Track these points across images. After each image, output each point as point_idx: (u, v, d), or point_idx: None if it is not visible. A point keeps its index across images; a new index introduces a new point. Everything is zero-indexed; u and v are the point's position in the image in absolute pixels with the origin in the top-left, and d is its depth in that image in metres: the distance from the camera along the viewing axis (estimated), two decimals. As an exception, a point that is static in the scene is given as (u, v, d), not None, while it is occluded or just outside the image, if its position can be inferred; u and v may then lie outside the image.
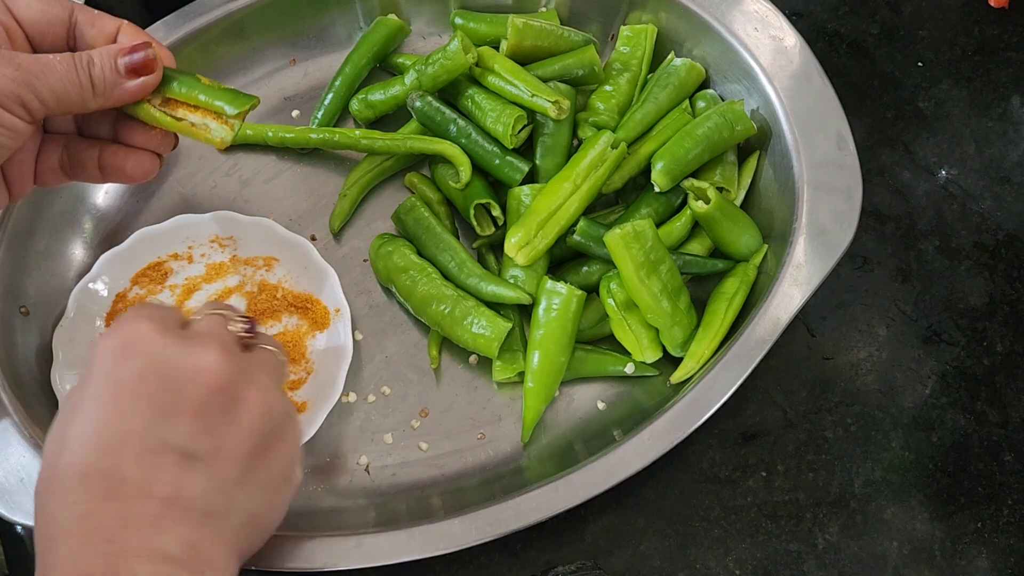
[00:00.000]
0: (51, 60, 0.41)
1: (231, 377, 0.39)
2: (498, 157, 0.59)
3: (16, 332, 0.55)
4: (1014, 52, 0.69)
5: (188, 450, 0.37)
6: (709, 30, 0.60)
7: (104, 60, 0.42)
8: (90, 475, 0.35)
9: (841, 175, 0.55)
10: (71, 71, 0.41)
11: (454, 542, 0.48)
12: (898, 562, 0.54)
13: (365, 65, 0.65)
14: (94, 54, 0.42)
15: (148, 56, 0.43)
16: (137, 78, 0.43)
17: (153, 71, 0.43)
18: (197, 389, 0.38)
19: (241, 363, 0.40)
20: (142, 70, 0.43)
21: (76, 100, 0.42)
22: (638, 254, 0.52)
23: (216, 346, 0.39)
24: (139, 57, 0.42)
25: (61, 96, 0.41)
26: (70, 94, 0.41)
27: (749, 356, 0.51)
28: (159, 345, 0.38)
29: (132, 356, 0.38)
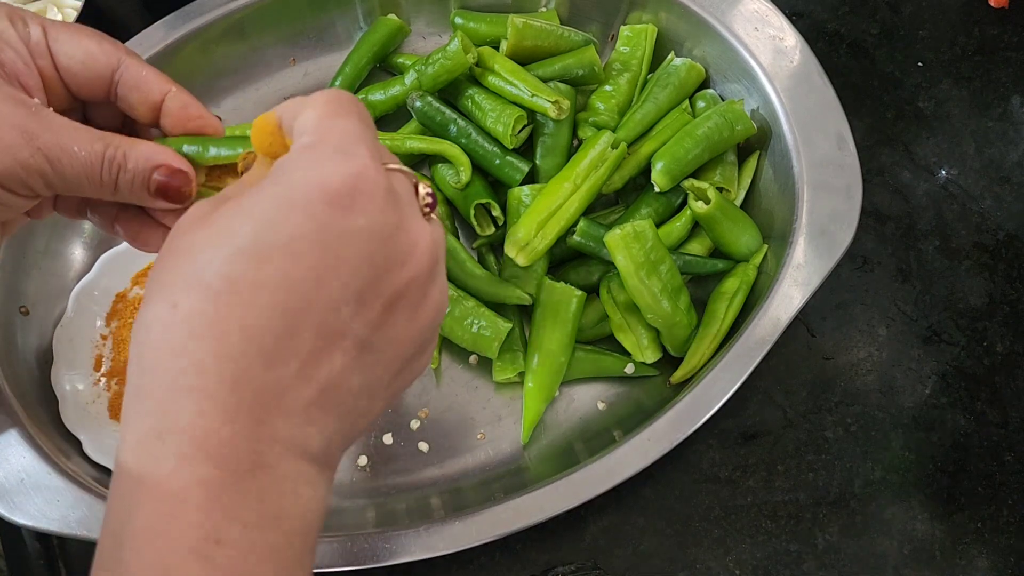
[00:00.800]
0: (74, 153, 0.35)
1: (431, 268, 0.32)
2: (498, 157, 0.59)
3: (16, 332, 0.55)
4: (1014, 52, 0.69)
5: (365, 341, 0.30)
6: (709, 30, 0.60)
7: (138, 168, 0.36)
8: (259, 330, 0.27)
9: (841, 175, 0.55)
10: (94, 167, 0.35)
11: (454, 542, 0.48)
12: (898, 562, 0.54)
13: (365, 65, 0.65)
14: (129, 157, 0.36)
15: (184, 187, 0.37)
16: (165, 202, 0.37)
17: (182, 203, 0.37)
18: (401, 275, 0.31)
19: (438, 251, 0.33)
20: (174, 197, 0.37)
21: (90, 192, 0.36)
22: (638, 254, 0.52)
23: (427, 226, 0.32)
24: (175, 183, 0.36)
25: (75, 188, 0.36)
26: (85, 188, 0.36)
27: (749, 356, 0.51)
28: (383, 207, 0.29)
29: (355, 212, 0.29)
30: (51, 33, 0.36)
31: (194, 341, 0.27)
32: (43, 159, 0.34)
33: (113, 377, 0.55)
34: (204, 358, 0.27)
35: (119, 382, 0.55)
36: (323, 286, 0.28)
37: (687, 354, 0.55)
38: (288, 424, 0.28)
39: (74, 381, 0.54)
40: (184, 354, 0.27)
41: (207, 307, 0.27)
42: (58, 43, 0.36)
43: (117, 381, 0.55)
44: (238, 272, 0.27)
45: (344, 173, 0.29)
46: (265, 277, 0.27)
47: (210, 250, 0.28)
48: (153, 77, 0.38)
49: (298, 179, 0.28)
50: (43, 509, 0.48)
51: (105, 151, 0.35)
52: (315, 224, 0.28)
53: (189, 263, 0.28)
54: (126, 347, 0.56)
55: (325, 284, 0.28)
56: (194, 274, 0.28)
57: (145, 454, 0.27)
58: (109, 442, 0.53)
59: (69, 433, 0.53)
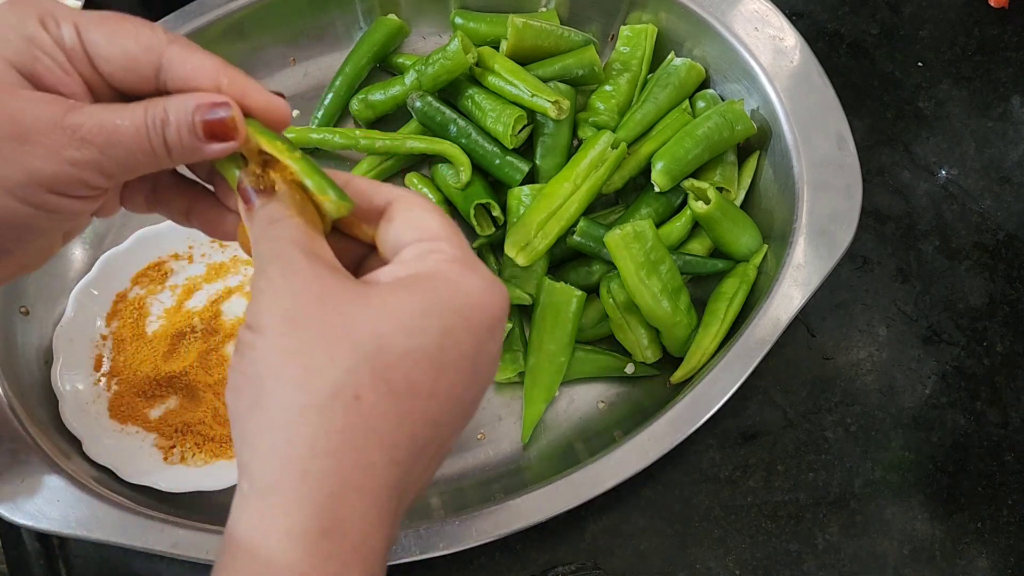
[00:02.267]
0: (118, 126, 0.33)
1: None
2: (498, 157, 0.59)
3: (16, 332, 0.55)
4: (1014, 52, 0.69)
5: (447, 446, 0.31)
6: (709, 30, 0.60)
7: (180, 118, 0.34)
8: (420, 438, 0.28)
9: (841, 175, 0.55)
10: (142, 137, 0.33)
11: (453, 543, 0.48)
12: (898, 562, 0.54)
13: (365, 65, 0.65)
14: (169, 110, 0.34)
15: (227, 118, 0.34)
16: (219, 144, 0.34)
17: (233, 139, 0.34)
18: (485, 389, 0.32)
19: None
20: (223, 134, 0.34)
21: (150, 166, 0.34)
22: (638, 254, 0.52)
23: None
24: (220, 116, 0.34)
25: (131, 166, 0.34)
26: (141, 163, 0.34)
27: (749, 357, 0.51)
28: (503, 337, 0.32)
29: (496, 338, 0.31)
30: (85, 35, 0.33)
31: (374, 439, 0.27)
32: (92, 149, 0.32)
33: (113, 377, 0.55)
34: (377, 460, 0.27)
35: (119, 382, 0.55)
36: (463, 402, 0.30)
37: (687, 354, 0.55)
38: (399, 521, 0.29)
39: (74, 381, 0.54)
40: (364, 450, 0.27)
41: (390, 407, 0.27)
42: (94, 46, 0.34)
43: (117, 381, 0.55)
44: (419, 378, 0.28)
45: (499, 306, 0.31)
46: (439, 388, 0.29)
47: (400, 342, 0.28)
48: (201, 70, 0.35)
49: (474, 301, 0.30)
50: (43, 509, 0.48)
51: (146, 114, 0.33)
52: (476, 348, 0.30)
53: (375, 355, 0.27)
54: (126, 347, 0.55)
55: (467, 397, 0.30)
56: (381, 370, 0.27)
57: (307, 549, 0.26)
58: (109, 442, 0.52)
59: (69, 433, 0.52)
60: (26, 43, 0.32)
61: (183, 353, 0.55)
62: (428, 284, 0.29)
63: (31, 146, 0.32)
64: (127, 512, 0.48)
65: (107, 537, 0.48)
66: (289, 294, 0.29)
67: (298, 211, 0.32)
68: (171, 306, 0.57)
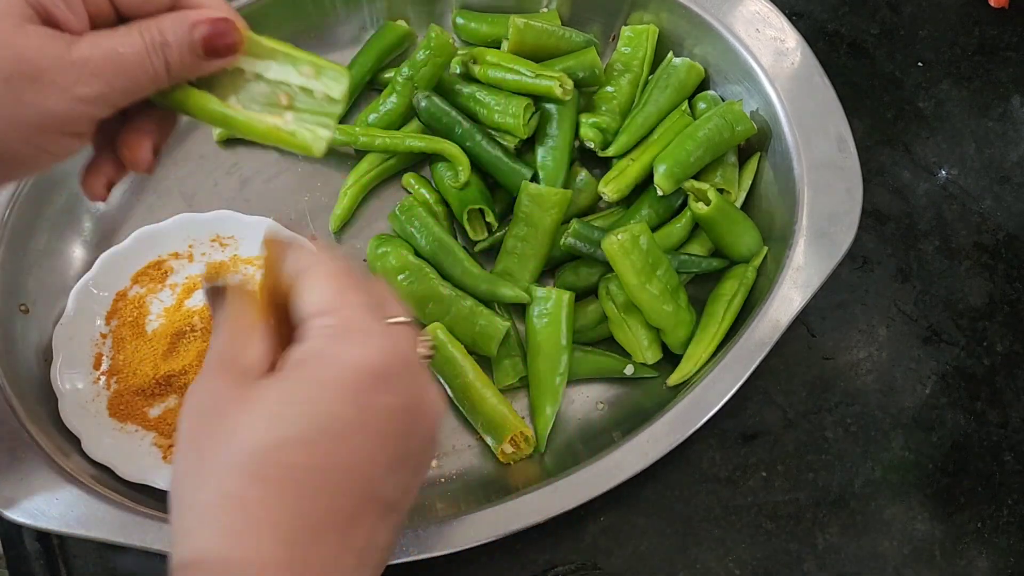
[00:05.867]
0: (121, 54, 0.33)
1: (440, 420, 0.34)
2: (502, 162, 0.59)
3: (16, 330, 0.55)
4: (1014, 52, 0.69)
5: (391, 502, 0.32)
6: (710, 31, 0.60)
7: (180, 37, 0.34)
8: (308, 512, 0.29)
9: (842, 177, 0.55)
10: (144, 61, 0.34)
11: (453, 543, 0.48)
12: (898, 562, 0.54)
13: (371, 68, 0.65)
14: (166, 31, 0.34)
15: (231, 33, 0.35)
16: (216, 58, 0.35)
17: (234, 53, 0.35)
18: (422, 438, 0.33)
19: None
20: (225, 49, 0.35)
21: (149, 89, 0.35)
22: (637, 260, 0.52)
23: (434, 382, 0.34)
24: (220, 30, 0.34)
25: (133, 92, 0.34)
26: (143, 87, 0.34)
27: (749, 358, 0.51)
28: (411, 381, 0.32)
29: (388, 392, 0.31)
30: None
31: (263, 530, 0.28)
32: (100, 82, 0.33)
33: (113, 376, 0.55)
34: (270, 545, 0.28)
35: (118, 381, 0.55)
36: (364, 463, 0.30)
37: (684, 357, 0.55)
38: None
39: (74, 379, 0.54)
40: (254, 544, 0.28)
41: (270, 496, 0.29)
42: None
43: (117, 380, 0.55)
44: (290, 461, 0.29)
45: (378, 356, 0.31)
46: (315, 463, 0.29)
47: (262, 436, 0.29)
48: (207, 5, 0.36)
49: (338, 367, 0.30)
50: (41, 507, 0.48)
51: (144, 38, 0.34)
52: (355, 410, 0.30)
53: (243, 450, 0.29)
54: (125, 345, 0.55)
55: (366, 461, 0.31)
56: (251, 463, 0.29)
57: None
58: (108, 440, 0.52)
59: (68, 431, 0.52)
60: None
61: (183, 352, 0.55)
62: (295, 369, 0.31)
63: (42, 85, 0.32)
64: (126, 511, 0.48)
65: (106, 536, 0.48)
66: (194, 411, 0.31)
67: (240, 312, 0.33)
68: (171, 305, 0.57)
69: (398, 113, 0.62)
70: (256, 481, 0.29)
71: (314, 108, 0.37)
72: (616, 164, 0.59)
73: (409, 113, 0.63)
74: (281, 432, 0.29)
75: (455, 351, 0.55)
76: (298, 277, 0.33)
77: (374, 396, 0.30)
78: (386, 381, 0.31)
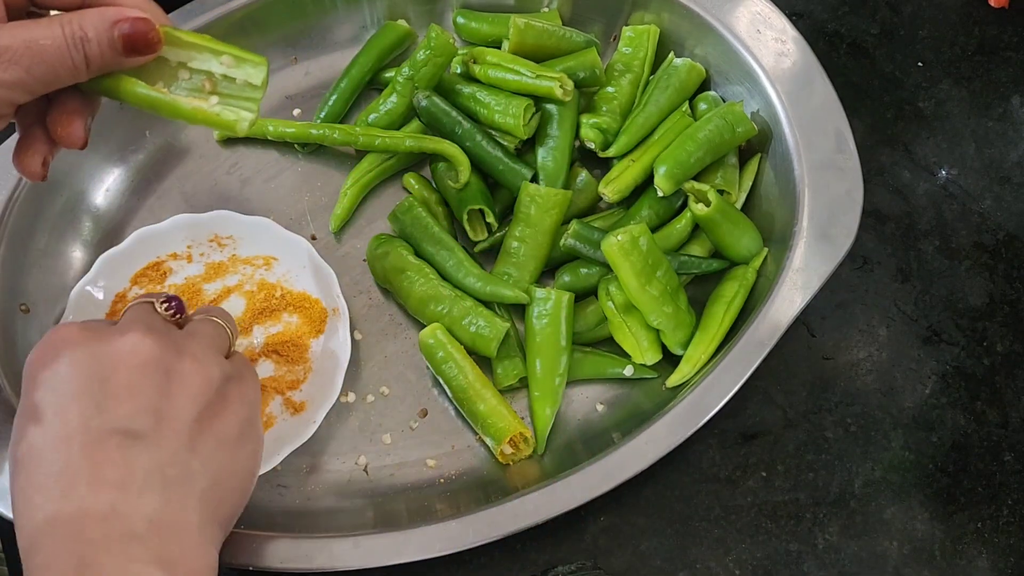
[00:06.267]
0: (42, 46, 0.35)
1: (159, 353, 0.39)
2: (502, 163, 0.59)
3: (16, 330, 0.55)
4: (1014, 52, 0.69)
5: (130, 430, 0.37)
6: (711, 32, 0.60)
7: (100, 34, 0.36)
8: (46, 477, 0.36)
9: (842, 178, 0.55)
10: (63, 52, 0.35)
11: (453, 543, 0.48)
12: (898, 562, 0.54)
13: (371, 68, 0.65)
14: (87, 27, 0.35)
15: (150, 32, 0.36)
16: (136, 56, 0.37)
17: (154, 51, 0.37)
18: (127, 371, 0.38)
19: (169, 338, 0.41)
20: (144, 46, 0.37)
21: (68, 80, 0.36)
22: (637, 261, 0.52)
23: (139, 328, 0.40)
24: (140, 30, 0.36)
25: (52, 82, 0.36)
26: (62, 78, 0.36)
27: (748, 359, 0.51)
28: (81, 340, 0.39)
29: (57, 357, 0.38)
30: None
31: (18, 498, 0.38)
32: (18, 69, 0.34)
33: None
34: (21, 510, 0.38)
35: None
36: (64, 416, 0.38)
37: (683, 358, 0.55)
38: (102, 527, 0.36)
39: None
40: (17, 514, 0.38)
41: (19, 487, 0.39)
42: None
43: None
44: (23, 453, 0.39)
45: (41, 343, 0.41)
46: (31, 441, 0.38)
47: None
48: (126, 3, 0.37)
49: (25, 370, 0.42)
50: (42, 508, 0.48)
51: (64, 31, 0.35)
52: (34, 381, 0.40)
53: None
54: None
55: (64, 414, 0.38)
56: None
57: None
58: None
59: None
60: None
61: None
62: None
63: None
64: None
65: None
66: None
67: None
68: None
69: (398, 113, 0.62)
70: None
71: (237, 93, 0.40)
72: (616, 165, 0.59)
73: (409, 113, 0.63)
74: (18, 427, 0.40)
75: (455, 351, 0.55)
76: None
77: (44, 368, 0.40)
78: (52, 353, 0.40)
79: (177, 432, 0.39)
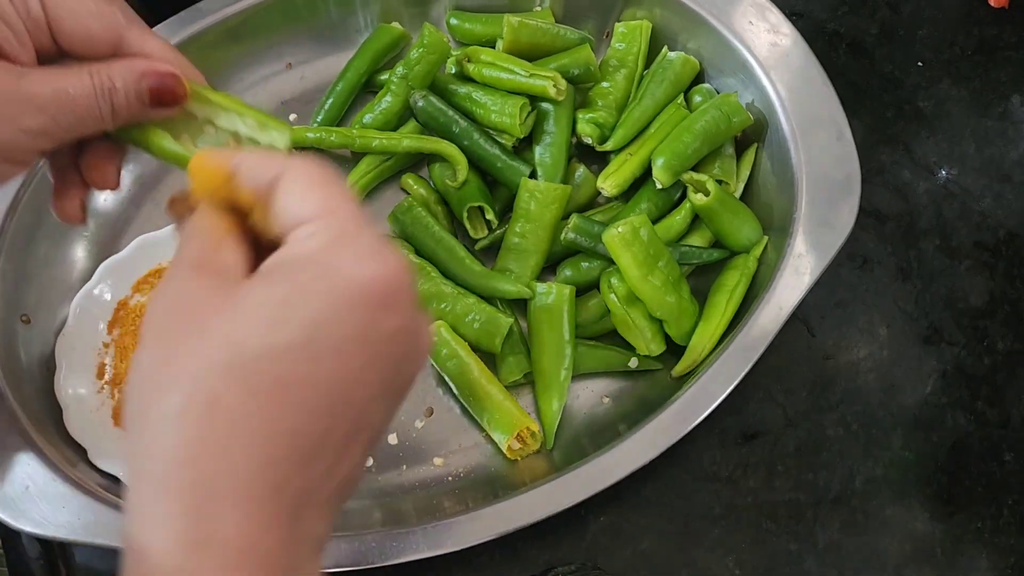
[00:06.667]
0: (70, 94, 0.34)
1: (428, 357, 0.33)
2: (500, 160, 0.59)
3: (18, 341, 0.56)
4: (1014, 52, 0.69)
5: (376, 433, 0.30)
6: (704, 24, 0.60)
7: (128, 85, 0.35)
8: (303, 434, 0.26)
9: (840, 165, 0.55)
10: (91, 101, 0.35)
11: (463, 540, 0.48)
12: (898, 561, 0.54)
13: (366, 71, 0.65)
14: (115, 77, 0.35)
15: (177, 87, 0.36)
16: (164, 109, 0.36)
17: (179, 104, 0.37)
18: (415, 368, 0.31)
19: None
20: (170, 99, 0.36)
21: (94, 129, 0.36)
22: (639, 252, 0.52)
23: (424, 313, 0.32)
24: (167, 85, 0.36)
25: (78, 130, 0.35)
26: (88, 127, 0.36)
27: (752, 348, 0.51)
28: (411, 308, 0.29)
29: (394, 313, 0.28)
30: (51, 10, 0.35)
31: (237, 442, 0.25)
32: (46, 116, 0.34)
33: (116, 385, 0.55)
34: (247, 464, 0.25)
35: (122, 390, 0.55)
36: (362, 386, 0.28)
37: (688, 347, 0.55)
38: (312, 521, 0.27)
39: (78, 389, 0.54)
40: (224, 455, 0.25)
41: (254, 406, 0.25)
42: (57, 21, 0.35)
43: (120, 389, 0.55)
44: (289, 371, 0.26)
45: (384, 275, 0.28)
46: (317, 378, 0.26)
47: (256, 341, 0.26)
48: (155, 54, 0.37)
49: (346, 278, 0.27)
50: (49, 516, 0.48)
51: (93, 80, 0.35)
52: (362, 328, 0.27)
53: (230, 354, 0.26)
54: (128, 355, 0.56)
55: (364, 384, 0.28)
56: (240, 370, 0.25)
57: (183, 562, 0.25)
58: (114, 449, 0.53)
59: (74, 441, 0.53)
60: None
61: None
62: (290, 273, 0.28)
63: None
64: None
65: (115, 543, 0.48)
66: (162, 309, 0.28)
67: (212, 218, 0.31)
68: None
69: (394, 113, 0.62)
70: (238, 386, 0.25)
71: None
72: (614, 159, 0.59)
73: (405, 113, 0.63)
74: (272, 338, 0.26)
75: (459, 348, 0.55)
76: (273, 185, 0.30)
77: (380, 316, 0.28)
78: (393, 301, 0.28)
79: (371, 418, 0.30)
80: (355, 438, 0.28)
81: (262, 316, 0.26)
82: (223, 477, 0.25)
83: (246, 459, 0.25)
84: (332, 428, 0.27)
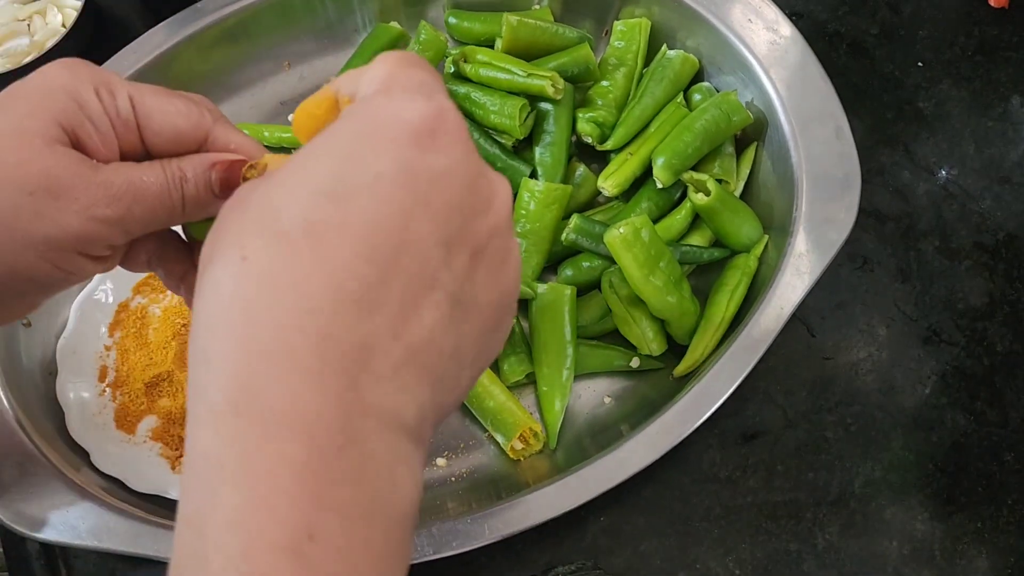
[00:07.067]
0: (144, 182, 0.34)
1: (510, 220, 0.29)
2: (500, 160, 0.59)
3: (19, 345, 0.56)
4: (1014, 52, 0.69)
5: (454, 295, 0.26)
6: (703, 22, 0.60)
7: (198, 176, 0.35)
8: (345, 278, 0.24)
9: (839, 163, 0.55)
10: (165, 192, 0.35)
11: (467, 542, 0.48)
12: (898, 562, 0.54)
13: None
14: (186, 168, 0.35)
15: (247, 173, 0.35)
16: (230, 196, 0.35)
17: None
18: (484, 225, 0.27)
19: None
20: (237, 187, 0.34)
21: (163, 222, 0.35)
22: (640, 253, 0.52)
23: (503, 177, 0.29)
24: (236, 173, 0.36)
25: (150, 222, 0.35)
26: (159, 218, 0.35)
27: (754, 348, 0.51)
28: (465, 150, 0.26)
29: (439, 151, 0.26)
30: (139, 108, 0.35)
31: (269, 295, 0.23)
32: (120, 206, 0.33)
33: (118, 388, 0.55)
34: (282, 315, 0.23)
35: (124, 393, 0.55)
36: (411, 230, 0.25)
37: (690, 347, 0.55)
38: (379, 390, 0.24)
39: (79, 392, 0.54)
40: (258, 312, 0.23)
41: (283, 256, 0.24)
42: (146, 119, 0.35)
43: (122, 392, 0.55)
44: (318, 215, 0.24)
45: (425, 110, 0.25)
46: (350, 219, 0.24)
47: (283, 194, 0.24)
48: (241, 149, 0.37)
49: (377, 114, 0.25)
50: (52, 520, 0.48)
51: (165, 171, 0.35)
52: (400, 163, 0.25)
53: (259, 210, 0.24)
54: (130, 358, 0.56)
55: (413, 227, 0.25)
56: (267, 221, 0.24)
57: (223, 431, 0.23)
58: (116, 453, 0.53)
59: (77, 445, 0.53)
60: (76, 106, 0.33)
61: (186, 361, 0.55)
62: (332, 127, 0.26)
63: (64, 202, 0.32)
64: (138, 521, 0.48)
65: (118, 547, 0.48)
66: None
67: None
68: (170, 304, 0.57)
69: None
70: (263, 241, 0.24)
71: None
72: (614, 158, 0.59)
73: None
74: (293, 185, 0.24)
75: None
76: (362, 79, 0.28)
77: (423, 154, 0.25)
78: (438, 139, 0.25)
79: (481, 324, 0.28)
80: (423, 294, 0.25)
81: (289, 167, 0.25)
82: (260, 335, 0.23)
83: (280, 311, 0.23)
84: (382, 278, 0.24)
